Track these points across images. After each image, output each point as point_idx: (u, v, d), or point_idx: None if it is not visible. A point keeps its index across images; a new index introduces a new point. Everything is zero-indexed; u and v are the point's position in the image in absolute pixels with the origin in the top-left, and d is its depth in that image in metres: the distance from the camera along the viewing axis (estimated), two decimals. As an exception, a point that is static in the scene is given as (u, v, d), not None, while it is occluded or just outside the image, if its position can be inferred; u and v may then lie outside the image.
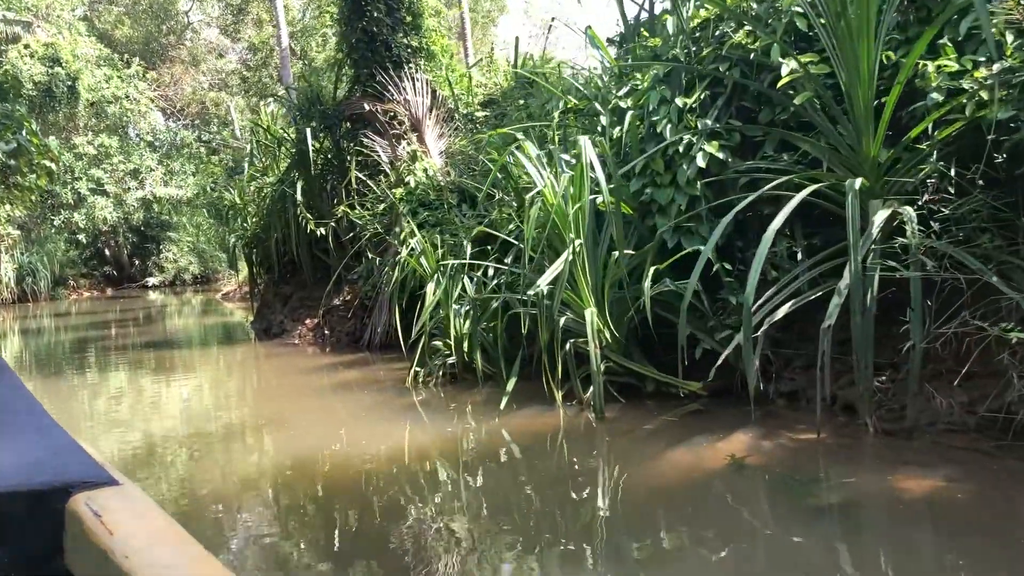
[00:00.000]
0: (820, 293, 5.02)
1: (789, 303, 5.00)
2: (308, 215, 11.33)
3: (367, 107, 10.56)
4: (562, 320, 5.83)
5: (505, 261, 7.72)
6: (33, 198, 15.89)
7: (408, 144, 10.67)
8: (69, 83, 28.85)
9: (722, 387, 5.91)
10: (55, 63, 28.65)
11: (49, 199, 30.43)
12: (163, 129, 33.97)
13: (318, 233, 11.42)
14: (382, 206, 10.08)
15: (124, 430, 6.59)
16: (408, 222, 9.68)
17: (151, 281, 33.31)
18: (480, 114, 12.04)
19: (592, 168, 5.71)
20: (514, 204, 8.51)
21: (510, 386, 5.85)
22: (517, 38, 12.45)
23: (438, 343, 7.56)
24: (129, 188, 31.46)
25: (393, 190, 10.13)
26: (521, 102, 10.68)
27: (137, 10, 37.15)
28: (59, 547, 1.11)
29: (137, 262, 34.84)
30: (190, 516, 4.19)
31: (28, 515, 1.10)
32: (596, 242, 6.18)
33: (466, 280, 7.32)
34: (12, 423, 1.41)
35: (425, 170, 10.20)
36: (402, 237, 9.66)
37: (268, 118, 13.80)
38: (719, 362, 5.09)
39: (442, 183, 10.14)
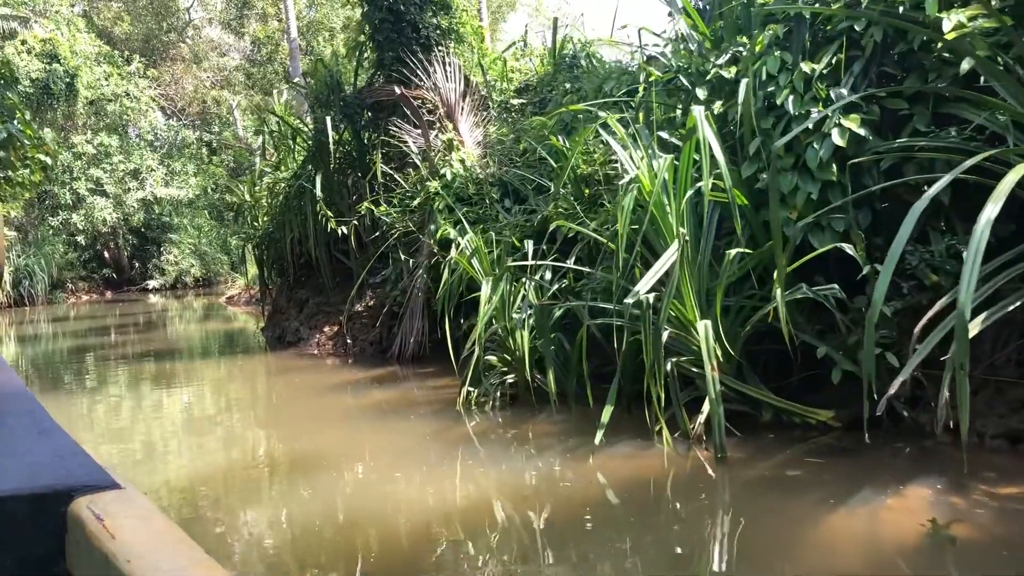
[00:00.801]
0: (1020, 302, 3.93)
1: (981, 316, 3.90)
2: (328, 212, 10.23)
3: (399, 91, 9.45)
4: (663, 335, 4.73)
5: (567, 262, 6.65)
6: (27, 195, 14.78)
7: (442, 132, 9.57)
8: (67, 80, 27.87)
9: (858, 417, 4.82)
10: (53, 59, 27.68)
11: (47, 199, 29.48)
12: (164, 128, 32.91)
13: (340, 232, 10.32)
14: (416, 201, 8.98)
15: (118, 461, 5.49)
16: (447, 218, 8.59)
17: (151, 284, 32.19)
18: (516, 101, 10.96)
19: (710, 148, 4.60)
20: (572, 197, 7.43)
21: (606, 416, 4.71)
22: (556, 19, 11.38)
23: (492, 358, 6.47)
24: (129, 188, 30.43)
25: (428, 183, 9.03)
26: (567, 85, 9.60)
27: (137, 7, 36.08)
28: (61, 551, 1.09)
29: (137, 264, 33.74)
30: None
31: (30, 519, 1.08)
32: (697, 240, 5.09)
33: (529, 285, 6.21)
34: (14, 426, 1.40)
35: (462, 161, 9.10)
36: (438, 236, 8.57)
37: (282, 107, 12.70)
38: (893, 390, 3.99)
39: (481, 175, 9.05)
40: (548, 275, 6.78)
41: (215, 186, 34.71)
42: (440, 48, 10.84)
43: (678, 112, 6.33)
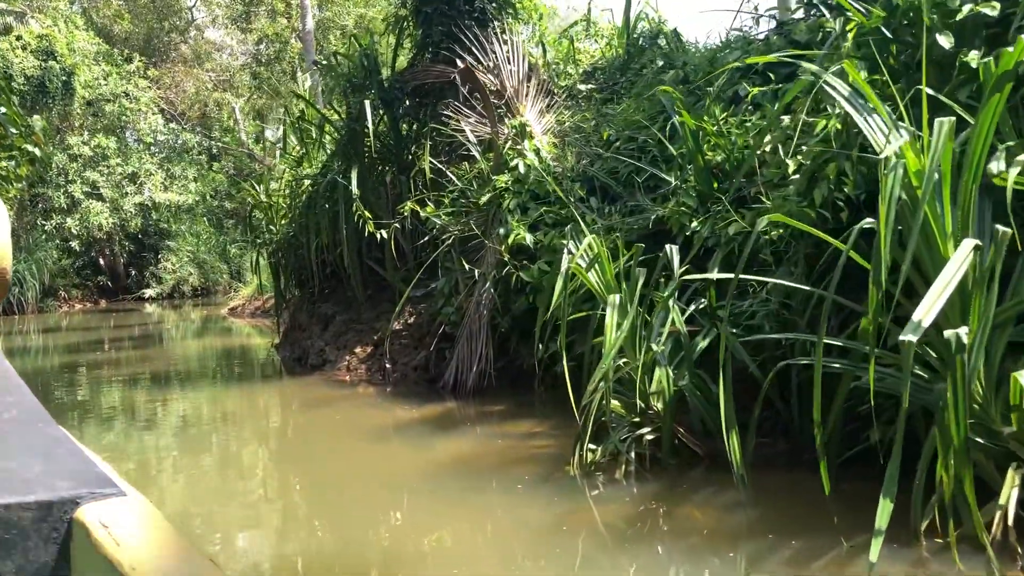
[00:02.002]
0: None
1: None
2: (367, 213, 8.60)
3: (461, 64, 7.82)
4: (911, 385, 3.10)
5: (710, 273, 5.05)
6: (13, 192, 13.14)
7: (511, 118, 7.95)
8: (64, 78, 26.39)
9: None
10: (49, 56, 26.18)
11: (40, 202, 27.94)
12: (164, 131, 31.31)
13: (378, 237, 8.68)
14: (484, 198, 7.35)
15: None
16: (520, 220, 6.98)
17: (148, 293, 30.45)
18: (583, 87, 9.38)
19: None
20: (694, 192, 5.83)
21: (883, 517, 2.96)
22: (629, -8, 9.81)
23: (613, 402, 4.82)
24: (127, 193, 28.79)
25: (494, 178, 7.41)
26: (659, 63, 8.02)
27: (138, 5, 34.56)
28: (65, 558, 1.09)
29: (133, 272, 32.05)
30: None
31: (34, 526, 1.07)
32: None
33: (676, 309, 4.56)
34: (20, 433, 1.39)
35: (537, 151, 7.49)
36: (511, 241, 6.96)
37: (306, 93, 11.08)
38: None
39: (557, 169, 7.45)
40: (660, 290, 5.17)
41: (215, 192, 33.29)
42: (497, 23, 9.28)
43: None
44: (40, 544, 1.07)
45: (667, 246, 4.88)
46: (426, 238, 8.30)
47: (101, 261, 31.21)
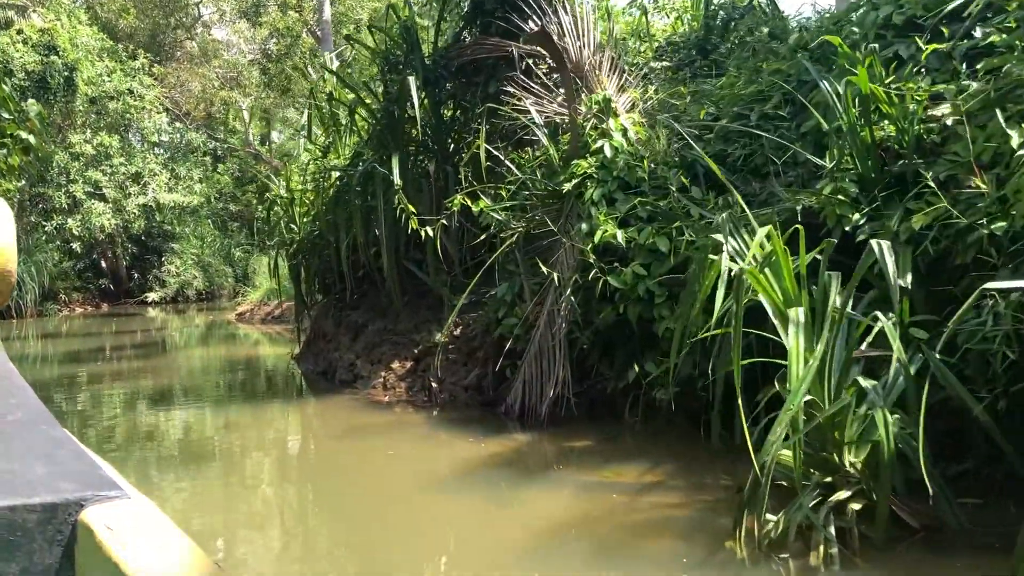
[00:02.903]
0: None
1: None
2: (411, 208, 7.35)
3: (533, 27, 6.57)
4: None
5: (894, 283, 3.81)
6: (8, 186, 11.93)
7: (586, 93, 6.70)
8: (66, 74, 25.29)
9: None
10: (51, 51, 25.09)
11: (40, 202, 26.83)
12: (169, 130, 30.18)
13: (423, 234, 7.44)
14: (568, 186, 6.07)
15: None
16: (607, 214, 5.74)
17: (151, 297, 29.27)
18: (657, 65, 8.15)
19: None
20: (856, 176, 4.59)
21: None
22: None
23: (784, 452, 3.56)
24: (130, 193, 27.65)
25: (576, 163, 6.16)
26: (763, 31, 6.79)
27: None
28: (70, 560, 1.08)
29: (136, 275, 30.87)
30: None
31: (39, 528, 1.06)
32: None
33: (892, 330, 3.28)
34: (24, 435, 1.37)
35: (624, 131, 6.24)
36: (598, 239, 5.71)
37: (328, 78, 9.85)
38: None
39: (645, 153, 6.21)
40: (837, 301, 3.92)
41: (219, 195, 32.26)
42: (560, -9, 8.05)
43: None
44: (44, 546, 1.06)
45: (872, 241, 3.62)
46: (482, 236, 7.05)
47: (103, 263, 30.10)
